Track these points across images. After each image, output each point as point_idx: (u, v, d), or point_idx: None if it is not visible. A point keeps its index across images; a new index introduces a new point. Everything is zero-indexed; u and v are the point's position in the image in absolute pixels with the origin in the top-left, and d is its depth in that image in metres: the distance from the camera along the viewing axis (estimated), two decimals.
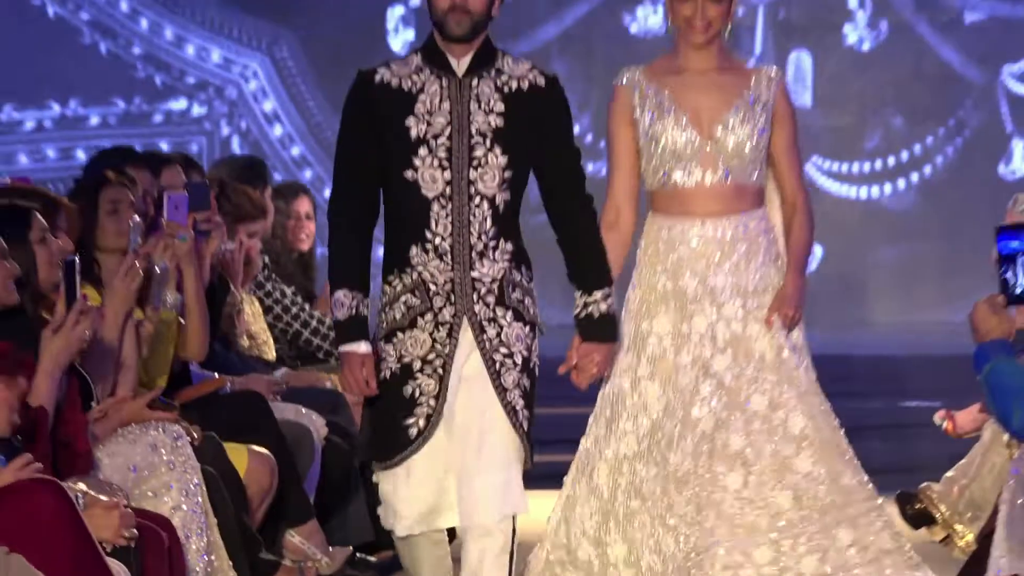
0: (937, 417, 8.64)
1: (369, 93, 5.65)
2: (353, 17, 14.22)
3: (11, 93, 14.38)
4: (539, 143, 5.68)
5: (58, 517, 5.35)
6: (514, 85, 5.63)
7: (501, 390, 5.59)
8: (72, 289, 5.86)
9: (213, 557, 6.25)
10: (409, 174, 5.58)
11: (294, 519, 6.90)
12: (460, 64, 5.62)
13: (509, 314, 5.62)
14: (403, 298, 5.62)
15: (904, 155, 14.94)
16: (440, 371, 5.60)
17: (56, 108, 14.44)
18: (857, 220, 14.97)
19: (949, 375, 9.91)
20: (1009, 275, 5.05)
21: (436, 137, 5.57)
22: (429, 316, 5.61)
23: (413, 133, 5.58)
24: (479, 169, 5.57)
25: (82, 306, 5.79)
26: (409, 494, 5.67)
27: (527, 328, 5.66)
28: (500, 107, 5.59)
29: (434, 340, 5.61)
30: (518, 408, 5.58)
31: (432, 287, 5.59)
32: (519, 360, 5.61)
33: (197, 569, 6.21)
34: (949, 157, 14.85)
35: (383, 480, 5.74)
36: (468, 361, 5.64)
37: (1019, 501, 6.11)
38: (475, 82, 5.61)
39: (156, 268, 6.60)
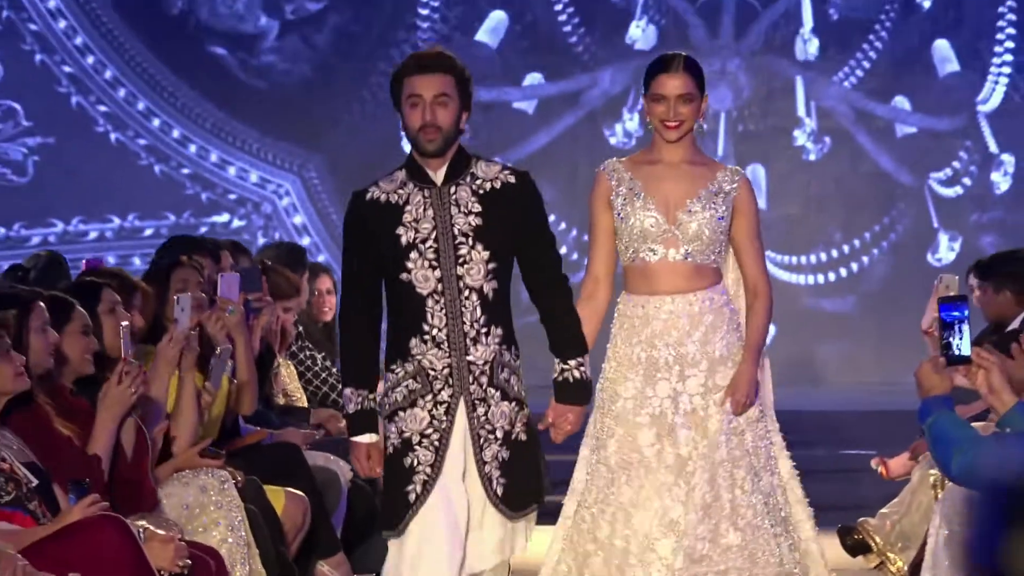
0: (873, 463, 8.77)
1: (362, 210, 5.67)
2: (374, 137, 14.18)
3: (79, 208, 14.52)
4: (516, 235, 5.67)
5: (122, 549, 5.50)
6: (488, 186, 5.63)
7: (480, 463, 5.61)
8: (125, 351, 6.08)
9: None
10: (404, 276, 5.59)
11: (324, 551, 7.03)
12: (438, 175, 5.63)
13: (497, 393, 5.62)
14: (405, 383, 5.62)
15: (846, 248, 14.81)
16: (436, 443, 5.59)
17: (116, 221, 14.57)
18: (804, 302, 14.87)
19: (884, 428, 10.11)
20: (951, 339, 5.12)
21: (424, 241, 5.58)
22: (429, 397, 5.61)
23: (403, 240, 5.59)
24: (465, 265, 5.58)
25: (126, 367, 5.88)
26: (414, 552, 5.57)
27: (512, 404, 5.66)
28: (477, 208, 5.59)
29: (432, 417, 5.61)
30: (493, 478, 5.60)
31: (432, 372, 5.59)
32: (500, 435, 5.61)
33: None
34: (884, 249, 14.79)
35: (391, 550, 5.66)
36: (460, 436, 5.62)
37: (943, 533, 6.42)
38: (453, 189, 5.61)
39: (217, 350, 6.79)
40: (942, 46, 14.80)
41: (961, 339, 5.13)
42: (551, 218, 6.25)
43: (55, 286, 6.94)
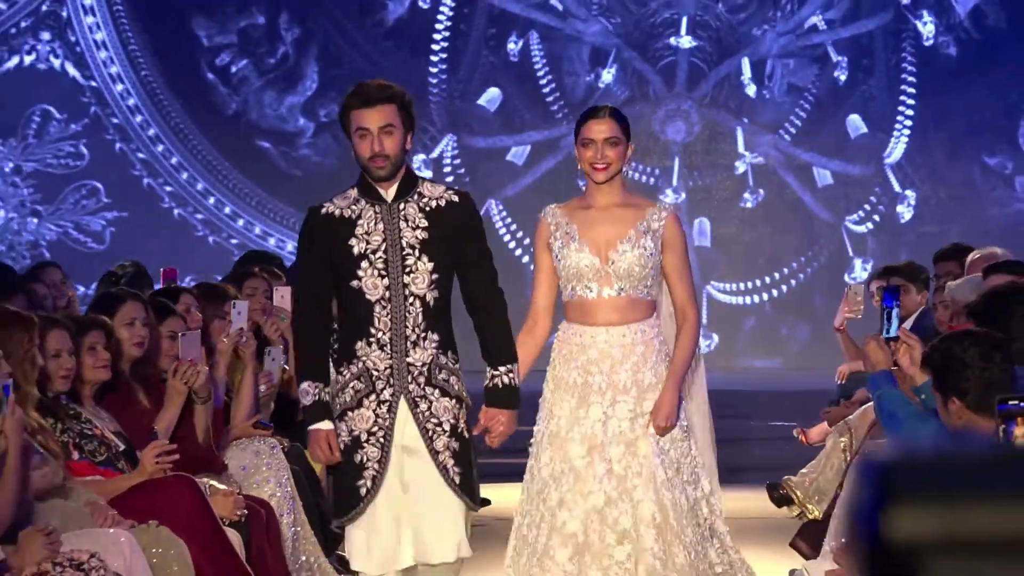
0: (794, 432, 9.07)
1: (318, 223, 5.51)
2: None
3: None
4: (457, 248, 5.50)
5: (191, 501, 5.92)
6: (433, 204, 5.48)
7: (433, 453, 5.42)
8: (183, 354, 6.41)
9: (299, 528, 6.73)
10: (354, 283, 5.44)
11: None
12: (388, 193, 5.47)
13: (436, 392, 5.43)
14: (351, 384, 5.45)
15: (777, 273, 15.10)
16: (382, 440, 5.43)
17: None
18: (741, 317, 15.16)
19: (803, 403, 10.37)
20: (887, 322, 5.48)
21: (374, 252, 5.44)
22: (372, 397, 5.43)
23: (356, 250, 5.44)
24: (411, 275, 5.42)
25: (181, 365, 6.32)
26: (368, 542, 5.47)
27: (453, 401, 5.45)
28: (424, 223, 5.45)
29: (376, 416, 5.43)
30: (448, 467, 5.42)
31: (375, 373, 5.42)
32: (447, 427, 5.43)
33: (288, 536, 6.64)
34: (808, 273, 15.03)
35: (348, 534, 5.54)
36: (405, 432, 5.45)
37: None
38: (402, 206, 5.46)
39: (268, 350, 7.12)
40: (854, 119, 15.14)
41: (891, 323, 5.54)
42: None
43: (141, 290, 7.31)
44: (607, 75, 15.21)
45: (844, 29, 15.21)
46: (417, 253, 5.44)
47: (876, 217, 15.27)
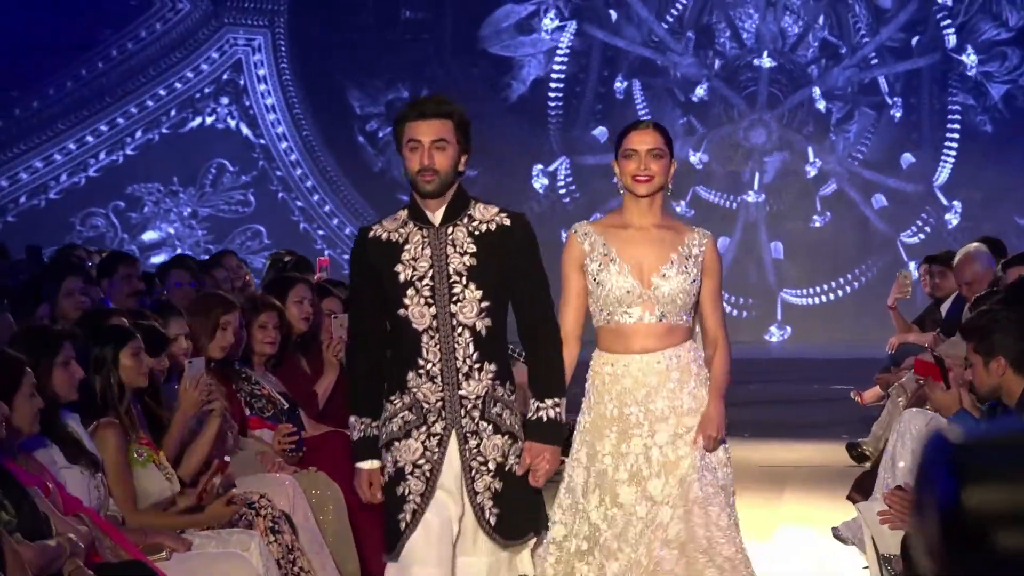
0: (851, 394, 9.45)
1: (366, 246, 4.78)
2: None
3: None
4: (509, 275, 4.73)
5: (343, 452, 5.42)
6: (484, 228, 4.73)
7: (472, 493, 4.71)
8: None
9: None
10: (401, 311, 4.71)
11: None
12: (436, 215, 4.73)
13: (490, 427, 4.71)
14: (401, 414, 4.73)
15: (841, 278, 15.61)
16: (428, 474, 4.69)
17: None
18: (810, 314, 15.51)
19: (859, 371, 10.53)
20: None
21: (421, 279, 4.71)
22: (423, 429, 4.71)
23: (402, 277, 4.71)
24: (459, 303, 4.69)
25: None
26: None
27: (505, 437, 4.73)
28: (472, 248, 4.70)
29: (425, 448, 4.71)
30: (485, 508, 4.70)
31: (426, 405, 4.71)
32: (492, 467, 4.71)
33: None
34: (863, 282, 15.50)
35: (388, 572, 4.78)
36: (453, 467, 4.73)
37: (895, 444, 6.59)
38: (450, 229, 4.72)
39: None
40: (906, 156, 15.58)
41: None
42: None
43: (303, 274, 7.61)
44: (698, 91, 15.68)
45: (898, 64, 15.67)
46: (464, 280, 4.71)
47: (927, 228, 15.58)
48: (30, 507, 4.61)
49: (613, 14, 15.79)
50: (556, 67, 15.83)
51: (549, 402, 4.77)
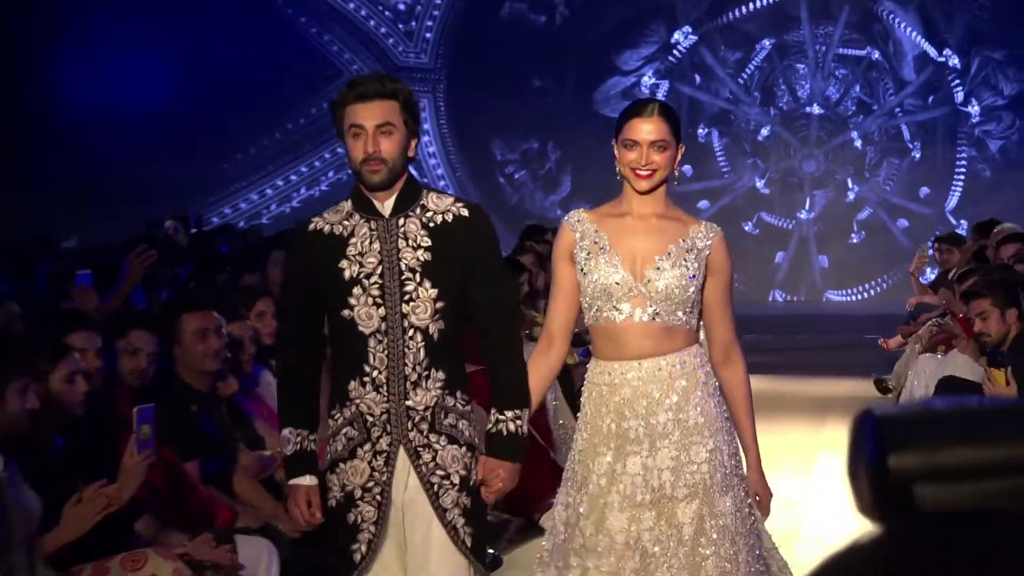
0: (879, 342, 10.19)
1: (305, 241, 3.96)
2: None
3: None
4: (466, 272, 3.93)
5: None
6: (439, 219, 3.96)
7: (440, 510, 3.96)
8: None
9: None
10: (346, 312, 3.92)
11: None
12: (385, 206, 3.94)
13: (443, 439, 3.95)
14: (344, 431, 3.96)
15: (879, 287, 16.59)
16: (379, 498, 3.95)
17: None
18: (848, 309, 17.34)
19: (885, 323, 11.21)
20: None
21: (368, 276, 3.94)
22: (368, 446, 3.94)
23: (347, 274, 3.93)
24: (411, 303, 3.93)
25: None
26: None
27: (463, 449, 3.95)
28: (427, 242, 3.95)
29: (372, 468, 3.95)
30: (458, 526, 3.96)
31: (369, 418, 3.93)
32: (456, 480, 3.96)
33: None
34: (890, 284, 16.80)
35: None
36: (407, 487, 3.94)
37: (912, 381, 7.09)
38: (402, 221, 3.95)
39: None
40: (924, 188, 16.92)
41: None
42: None
43: None
44: (763, 131, 16.96)
45: (920, 114, 17.13)
46: (418, 278, 3.95)
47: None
48: (251, 428, 5.14)
49: (697, 77, 17.45)
50: None
51: (510, 414, 3.97)
